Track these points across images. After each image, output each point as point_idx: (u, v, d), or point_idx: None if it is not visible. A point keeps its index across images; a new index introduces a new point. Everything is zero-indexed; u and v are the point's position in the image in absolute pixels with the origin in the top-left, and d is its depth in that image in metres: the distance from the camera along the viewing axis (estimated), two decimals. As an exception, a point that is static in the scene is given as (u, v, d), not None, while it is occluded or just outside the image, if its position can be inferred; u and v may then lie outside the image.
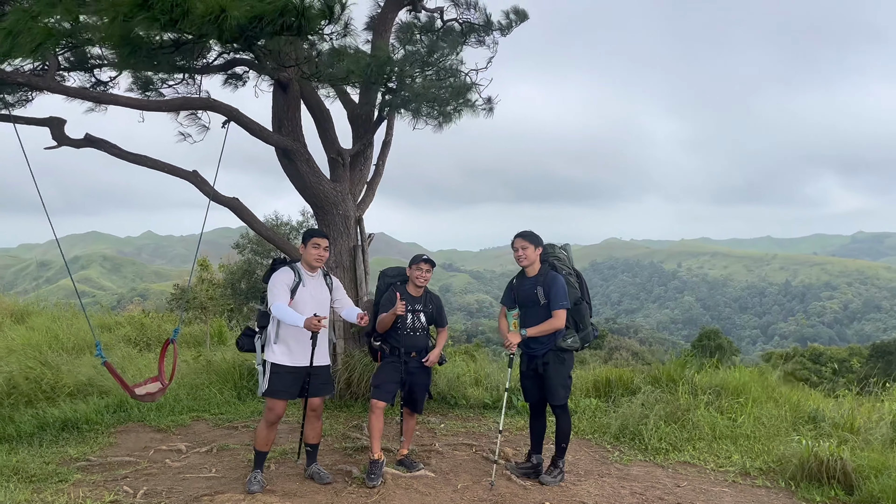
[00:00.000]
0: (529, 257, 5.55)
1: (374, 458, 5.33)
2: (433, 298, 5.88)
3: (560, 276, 5.49)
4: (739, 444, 6.55)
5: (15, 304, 17.10)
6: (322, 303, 5.38)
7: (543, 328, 5.38)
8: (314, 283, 5.39)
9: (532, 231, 5.68)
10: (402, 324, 5.66)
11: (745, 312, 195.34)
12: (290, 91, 8.43)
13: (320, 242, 5.37)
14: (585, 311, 5.68)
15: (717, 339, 35.77)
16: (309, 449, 5.54)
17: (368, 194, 9.45)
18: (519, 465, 5.75)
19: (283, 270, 5.31)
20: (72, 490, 5.06)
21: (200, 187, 8.08)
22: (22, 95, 8.53)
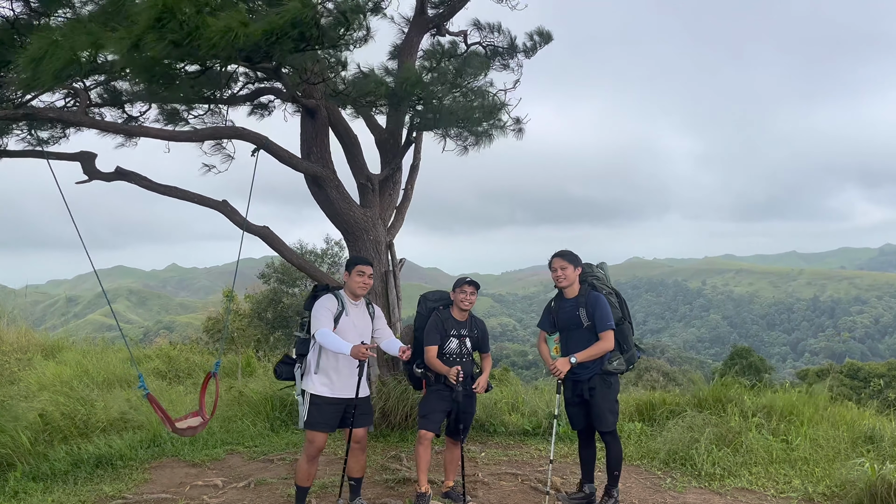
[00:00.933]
0: (569, 277, 5.34)
1: (420, 490, 5.13)
2: (478, 323, 5.72)
3: (602, 296, 5.29)
4: (798, 468, 6.25)
5: (45, 339, 17.19)
6: (364, 332, 5.23)
7: (592, 352, 5.16)
8: (357, 311, 5.25)
9: (570, 250, 5.47)
10: (448, 350, 5.49)
11: (774, 329, 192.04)
12: (318, 117, 8.39)
13: (365, 270, 5.25)
14: (628, 332, 5.47)
15: (748, 357, 35.00)
16: (353, 483, 5.36)
17: (398, 219, 9.34)
18: (571, 496, 5.50)
19: (327, 297, 5.17)
20: (109, 531, 4.90)
21: (231, 217, 8.01)
22: (56, 132, 8.58)
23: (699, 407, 7.87)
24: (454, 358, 5.49)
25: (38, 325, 57.93)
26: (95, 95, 8.64)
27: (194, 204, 8.11)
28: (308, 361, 5.14)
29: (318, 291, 5.31)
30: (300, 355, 5.24)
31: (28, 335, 16.89)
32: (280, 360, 5.41)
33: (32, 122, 6.99)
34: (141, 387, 6.05)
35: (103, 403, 9.57)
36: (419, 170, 9.81)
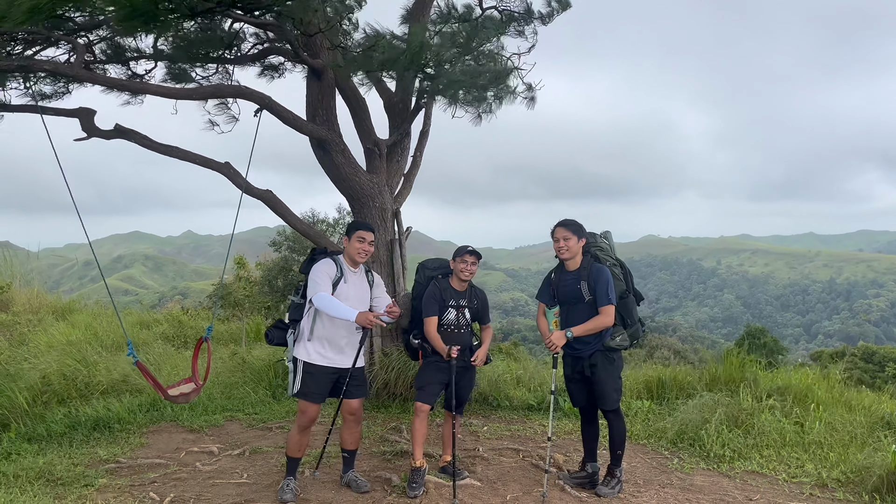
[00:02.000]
0: (572, 249, 4.99)
1: (415, 465, 4.93)
2: (478, 294, 5.46)
3: (606, 269, 4.96)
4: (812, 453, 6.00)
5: (57, 301, 17.22)
6: (362, 301, 4.96)
7: (589, 327, 4.87)
8: (356, 279, 4.98)
9: (575, 220, 5.10)
10: (445, 320, 5.25)
11: (788, 310, 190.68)
12: (325, 79, 8.10)
13: (365, 236, 4.96)
14: (633, 305, 5.17)
15: (762, 338, 34.63)
16: (346, 455, 5.15)
17: (406, 186, 9.08)
18: (573, 475, 5.28)
19: (325, 262, 4.89)
20: (96, 496, 4.77)
21: (233, 179, 7.80)
22: (58, 88, 8.37)
23: (711, 386, 7.63)
24: (452, 329, 5.25)
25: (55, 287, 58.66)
26: (99, 52, 8.41)
27: (198, 166, 7.92)
28: (302, 328, 4.88)
29: (316, 255, 5.03)
30: (293, 321, 4.98)
31: (40, 297, 16.94)
32: (272, 325, 5.14)
33: (28, 74, 6.77)
34: (130, 354, 5.90)
35: (105, 365, 9.50)
36: (429, 136, 9.53)
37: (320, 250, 5.11)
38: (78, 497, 4.72)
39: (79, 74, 6.46)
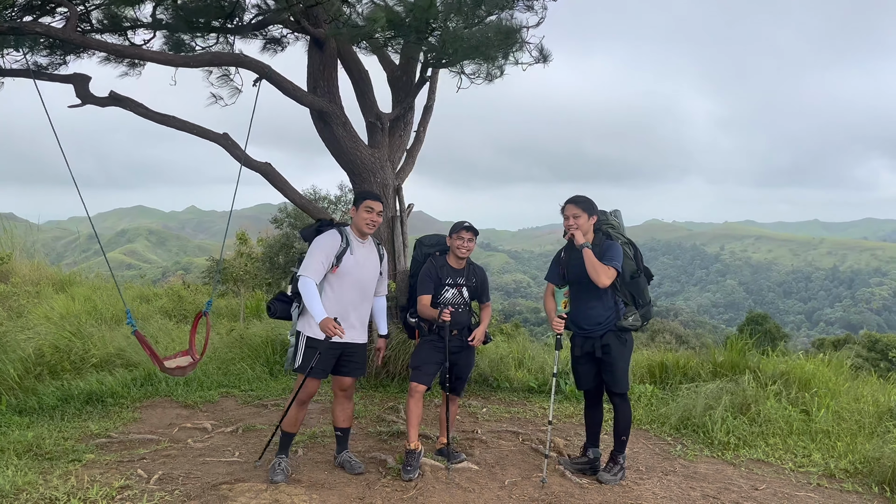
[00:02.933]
0: (582, 227, 4.79)
1: (410, 447, 4.77)
2: (477, 271, 5.25)
3: (617, 244, 4.79)
4: (819, 442, 5.84)
5: (58, 273, 17.09)
6: (371, 272, 4.81)
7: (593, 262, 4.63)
8: (364, 250, 4.79)
9: (587, 196, 4.90)
10: (442, 299, 5.06)
11: (790, 297, 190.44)
12: (326, 49, 7.87)
13: (374, 206, 4.75)
14: (644, 285, 4.98)
15: (764, 324, 34.49)
16: (339, 434, 4.99)
17: (408, 162, 8.87)
18: (574, 460, 5.12)
19: (330, 234, 4.68)
20: (82, 472, 4.63)
21: (231, 151, 7.61)
22: (55, 58, 8.15)
23: (715, 372, 7.47)
24: (454, 308, 5.04)
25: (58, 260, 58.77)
26: (96, 21, 8.18)
27: (198, 138, 7.72)
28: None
29: (322, 226, 4.82)
30: (297, 293, 4.71)
31: (41, 269, 16.80)
32: (274, 297, 4.89)
33: (21, 37, 6.54)
34: (129, 323, 5.77)
35: (101, 338, 9.37)
36: (433, 111, 9.30)
37: (326, 221, 4.90)
38: (63, 472, 4.58)
39: (71, 38, 6.23)
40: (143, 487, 4.32)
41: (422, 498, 4.32)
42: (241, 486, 4.37)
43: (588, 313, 4.87)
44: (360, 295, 4.74)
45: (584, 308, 4.89)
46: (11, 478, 4.30)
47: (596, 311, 4.84)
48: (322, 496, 4.25)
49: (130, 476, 4.54)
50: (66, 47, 7.74)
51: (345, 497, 4.30)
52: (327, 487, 4.43)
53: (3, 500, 4.00)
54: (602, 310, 4.84)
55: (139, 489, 4.28)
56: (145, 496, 4.14)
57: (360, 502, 4.24)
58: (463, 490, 4.49)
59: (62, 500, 4.04)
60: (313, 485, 4.48)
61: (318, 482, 4.55)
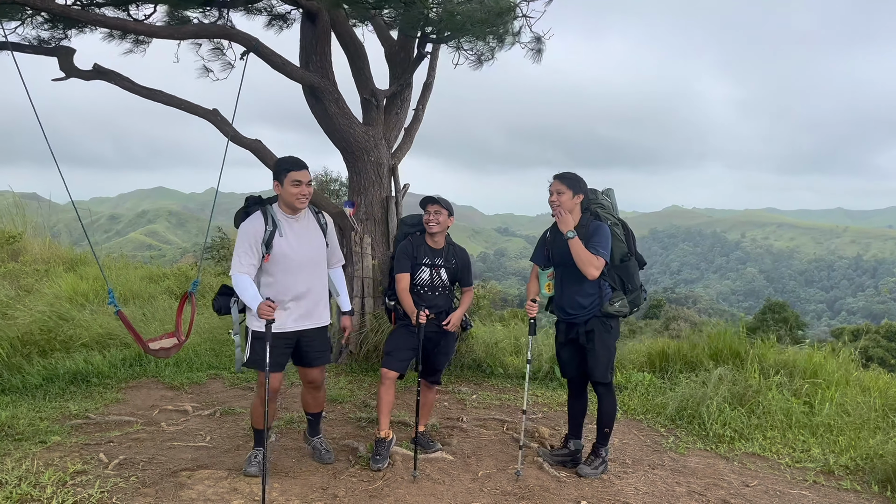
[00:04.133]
0: (565, 204, 4.48)
1: (380, 436, 4.56)
2: (457, 252, 4.93)
3: (605, 226, 4.49)
4: (820, 436, 5.56)
5: (69, 252, 17.09)
6: (314, 248, 4.25)
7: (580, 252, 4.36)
8: (300, 227, 4.20)
9: (575, 174, 4.57)
10: (418, 280, 4.80)
11: (812, 286, 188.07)
12: (319, 22, 7.62)
13: (300, 177, 4.05)
14: (634, 270, 4.65)
15: (782, 312, 33.92)
16: (310, 418, 4.66)
17: (406, 141, 8.61)
18: (554, 452, 4.88)
19: (250, 219, 4.10)
20: (42, 455, 4.48)
21: (220, 127, 7.42)
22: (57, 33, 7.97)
23: (715, 360, 7.19)
24: (426, 290, 4.80)
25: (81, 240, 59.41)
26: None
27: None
28: None
29: (250, 206, 4.23)
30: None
31: (52, 248, 16.80)
32: (218, 292, 4.35)
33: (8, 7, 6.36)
34: (111, 303, 5.62)
35: (95, 318, 9.26)
36: (433, 89, 9.02)
37: (253, 200, 4.28)
38: (22, 455, 4.43)
39: (48, 6, 6.03)
40: (99, 473, 4.15)
41: (387, 489, 4.11)
42: (201, 473, 4.19)
43: (572, 297, 4.59)
44: (306, 277, 4.20)
45: (568, 292, 4.62)
46: (-33, 459, 4.16)
47: (581, 296, 4.56)
48: (284, 485, 4.06)
49: (90, 460, 4.38)
50: (68, 22, 7.55)
51: (307, 486, 4.10)
52: (291, 476, 4.24)
53: (-51, 483, 3.85)
54: (587, 294, 4.56)
55: (95, 475, 4.12)
56: (98, 482, 3.97)
57: (322, 492, 4.05)
58: (432, 482, 4.27)
59: (11, 483, 3.89)
60: (277, 473, 4.29)
61: (283, 470, 4.35)
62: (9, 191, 16.66)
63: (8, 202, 17.65)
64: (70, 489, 3.88)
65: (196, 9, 8.14)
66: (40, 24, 7.77)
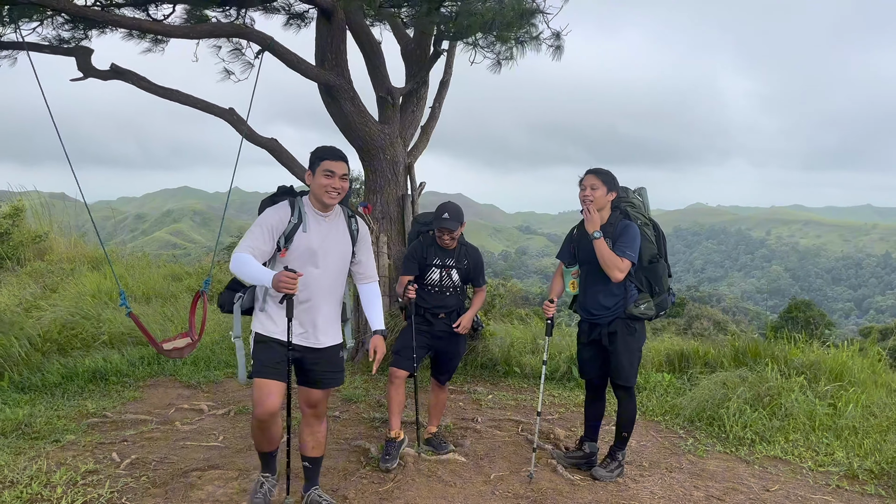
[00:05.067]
0: (598, 201, 4.34)
1: (390, 436, 4.52)
2: (470, 253, 4.86)
3: (634, 225, 4.36)
4: (844, 439, 5.41)
5: (95, 251, 17.29)
6: (338, 253, 3.73)
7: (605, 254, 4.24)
8: (325, 227, 3.69)
9: (608, 170, 4.43)
10: (429, 280, 4.75)
11: (839, 284, 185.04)
12: (335, 21, 7.59)
13: (335, 168, 3.58)
14: (663, 272, 4.50)
15: (808, 312, 33.37)
16: (307, 465, 3.92)
17: (422, 139, 8.57)
18: (568, 454, 4.78)
19: (277, 206, 3.68)
20: (56, 454, 4.50)
21: (236, 126, 7.44)
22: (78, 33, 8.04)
23: (737, 361, 7.05)
24: (436, 291, 4.77)
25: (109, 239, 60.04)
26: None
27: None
28: (256, 292, 3.71)
29: (277, 195, 3.85)
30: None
31: (78, 246, 17.02)
32: (227, 286, 3.91)
33: (12, 7, 6.42)
34: (122, 305, 5.65)
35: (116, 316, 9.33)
36: (449, 87, 8.97)
37: (285, 189, 3.91)
38: (36, 454, 4.45)
39: (64, 6, 6.07)
40: (110, 472, 4.17)
41: (398, 491, 4.07)
42: (211, 474, 4.19)
43: (596, 297, 4.47)
44: (324, 284, 3.68)
45: (592, 292, 4.50)
46: (-19, 458, 4.19)
47: (605, 296, 4.44)
48: (294, 486, 4.03)
49: (102, 460, 4.40)
50: (87, 22, 7.60)
51: (318, 487, 4.07)
52: (301, 478, 4.20)
53: (-38, 482, 3.88)
54: (611, 294, 4.43)
55: (106, 474, 4.13)
56: (108, 482, 3.98)
57: (332, 494, 4.01)
58: (444, 483, 4.22)
59: (23, 483, 3.90)
60: (286, 474, 4.26)
61: (293, 471, 4.31)
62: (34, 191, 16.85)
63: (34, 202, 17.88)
64: (80, 489, 3.89)
65: (215, 8, 8.18)
66: (61, 24, 7.85)
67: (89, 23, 7.53)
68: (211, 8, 8.18)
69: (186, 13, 8.23)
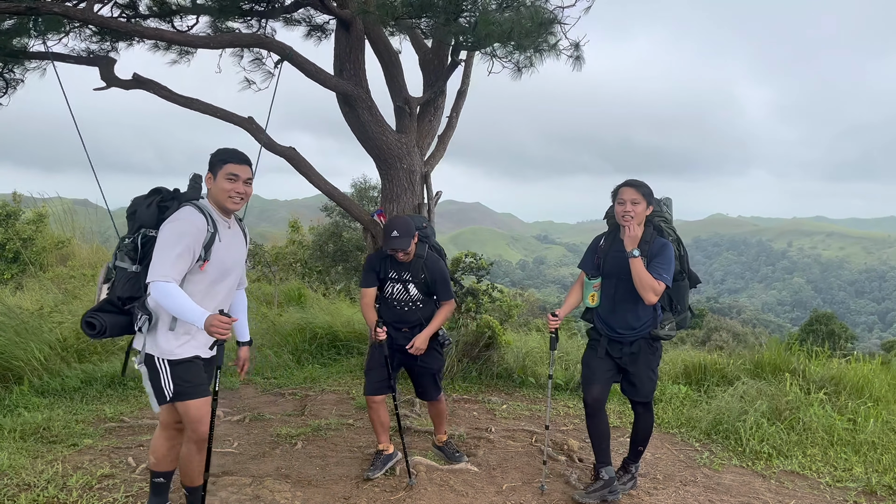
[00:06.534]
0: (639, 216, 4.08)
1: (379, 448, 4.50)
2: (429, 265, 4.52)
3: (670, 245, 4.13)
4: (863, 454, 5.33)
5: (112, 257, 17.50)
6: (239, 262, 3.49)
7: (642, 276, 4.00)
8: (230, 235, 3.40)
9: (646, 183, 4.19)
10: (388, 294, 4.55)
11: (862, 297, 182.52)
12: (353, 31, 7.65)
13: (239, 173, 3.29)
14: (685, 290, 4.35)
15: (829, 324, 32.93)
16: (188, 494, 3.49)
17: (439, 149, 8.59)
18: (588, 490, 4.36)
19: (190, 212, 3.22)
20: (73, 458, 4.56)
21: (255, 135, 7.48)
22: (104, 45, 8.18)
23: (755, 374, 6.98)
24: (399, 306, 4.53)
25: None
26: (145, 8, 8.18)
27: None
28: (153, 311, 3.23)
29: (165, 199, 3.34)
30: (130, 298, 3.26)
31: (99, 252, 17.27)
32: (96, 307, 3.30)
33: (39, 19, 6.54)
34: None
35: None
36: (467, 96, 9.01)
37: (169, 193, 3.37)
38: (53, 458, 4.51)
39: (88, 17, 6.18)
40: (125, 477, 4.21)
41: (410, 500, 4.06)
42: (225, 480, 4.21)
43: (625, 316, 4.24)
44: (228, 295, 3.49)
45: (620, 310, 4.25)
46: (0, 461, 4.25)
47: (634, 316, 4.23)
48: (306, 494, 4.05)
49: (118, 464, 4.44)
50: (115, 34, 7.73)
51: (330, 495, 4.09)
52: (314, 485, 4.23)
53: (-19, 484, 3.94)
54: (640, 315, 4.22)
55: (121, 478, 4.17)
56: (123, 486, 4.02)
57: (344, 501, 4.02)
58: (456, 493, 4.21)
59: (39, 486, 3.95)
60: (300, 481, 4.28)
61: (306, 479, 4.35)
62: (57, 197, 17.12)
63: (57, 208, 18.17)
64: (96, 493, 3.93)
65: (237, 19, 8.29)
66: (88, 36, 7.99)
67: (115, 34, 7.66)
68: (233, 19, 8.30)
69: (210, 25, 8.36)
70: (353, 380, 7.42)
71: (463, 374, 7.46)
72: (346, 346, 8.90)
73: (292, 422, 5.81)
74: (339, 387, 7.16)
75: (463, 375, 7.44)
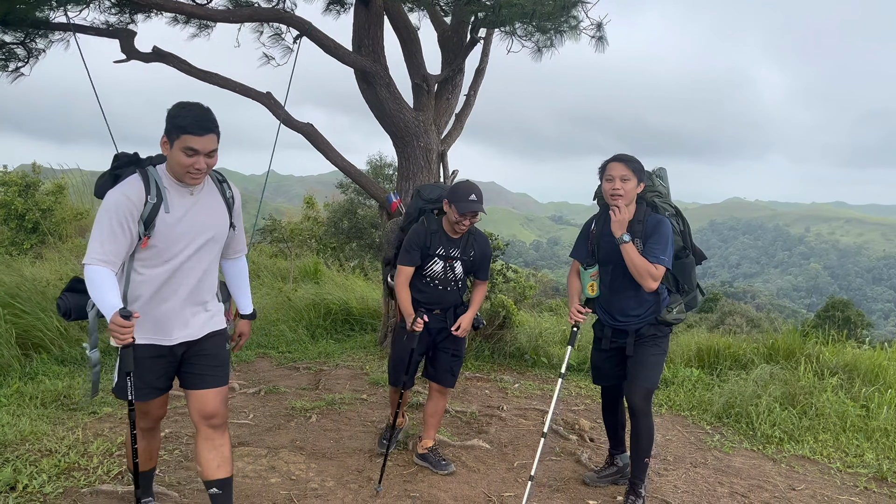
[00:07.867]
0: (629, 194, 3.73)
1: (390, 423, 4.34)
2: (479, 242, 4.18)
3: (667, 221, 3.77)
4: (875, 440, 5.33)
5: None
6: (213, 228, 2.99)
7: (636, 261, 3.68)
8: (193, 200, 2.93)
9: (636, 157, 3.79)
10: (429, 273, 4.12)
11: (879, 284, 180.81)
12: (372, 7, 7.63)
13: (198, 147, 2.76)
14: (691, 267, 3.95)
15: (845, 311, 32.68)
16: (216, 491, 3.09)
17: (456, 127, 8.58)
18: (600, 474, 4.31)
19: (123, 186, 2.80)
20: (93, 425, 4.65)
21: (273, 110, 7.51)
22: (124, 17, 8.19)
23: (769, 358, 6.97)
24: (436, 284, 4.14)
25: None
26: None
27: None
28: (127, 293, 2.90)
29: (120, 166, 2.94)
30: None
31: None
32: (66, 287, 3.03)
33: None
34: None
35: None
36: (485, 75, 8.96)
37: (127, 158, 2.97)
38: (73, 425, 4.61)
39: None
40: (144, 445, 4.29)
41: (422, 475, 4.13)
42: (241, 450, 4.29)
43: (624, 305, 3.92)
44: (198, 270, 2.98)
45: (619, 298, 3.92)
46: (22, 427, 4.35)
47: (635, 303, 3.89)
48: (320, 465, 4.12)
49: (137, 432, 4.52)
50: (133, 6, 7.75)
51: (343, 468, 4.16)
52: (328, 457, 4.29)
53: (4, 449, 4.03)
54: (642, 301, 3.88)
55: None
56: (143, 454, 4.10)
57: (357, 474, 4.09)
58: (467, 469, 4.28)
59: (61, 452, 4.05)
60: (314, 454, 4.36)
61: (321, 451, 4.42)
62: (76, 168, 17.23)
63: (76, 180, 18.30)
64: (116, 459, 4.02)
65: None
66: (108, 8, 8.01)
67: (134, 6, 7.67)
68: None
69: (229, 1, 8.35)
70: (367, 356, 7.48)
71: (476, 353, 7.50)
72: (359, 322, 8.97)
73: (307, 395, 5.89)
74: (352, 362, 7.23)
75: (476, 354, 7.49)
